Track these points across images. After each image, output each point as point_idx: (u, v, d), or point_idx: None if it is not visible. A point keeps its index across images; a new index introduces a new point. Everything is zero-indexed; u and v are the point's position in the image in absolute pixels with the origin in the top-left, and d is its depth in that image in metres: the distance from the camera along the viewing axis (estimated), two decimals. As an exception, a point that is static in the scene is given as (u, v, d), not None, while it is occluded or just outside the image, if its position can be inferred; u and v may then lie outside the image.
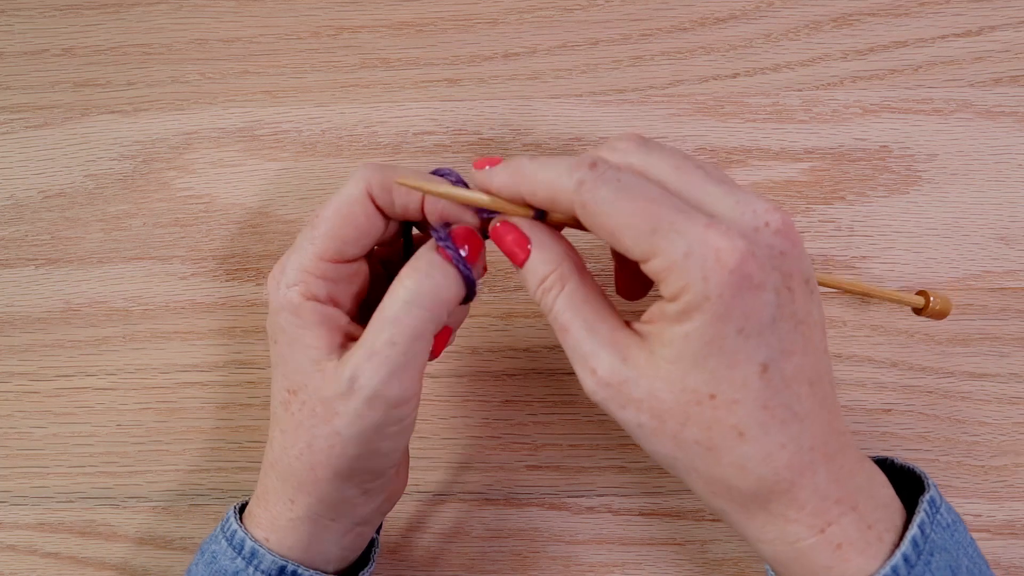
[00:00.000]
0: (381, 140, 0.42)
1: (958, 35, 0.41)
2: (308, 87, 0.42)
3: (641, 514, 0.40)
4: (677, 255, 0.24)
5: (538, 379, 0.41)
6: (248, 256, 0.42)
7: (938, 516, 0.27)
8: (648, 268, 0.25)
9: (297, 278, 0.28)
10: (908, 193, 0.41)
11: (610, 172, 0.25)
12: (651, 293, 0.32)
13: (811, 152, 0.41)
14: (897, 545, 0.26)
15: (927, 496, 0.27)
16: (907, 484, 0.29)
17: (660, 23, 0.42)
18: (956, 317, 0.40)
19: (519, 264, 0.28)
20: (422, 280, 0.27)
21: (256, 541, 0.30)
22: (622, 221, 0.24)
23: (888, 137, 0.41)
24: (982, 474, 0.39)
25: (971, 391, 0.40)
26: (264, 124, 0.42)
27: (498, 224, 0.28)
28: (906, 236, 0.40)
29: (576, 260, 0.28)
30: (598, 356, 0.26)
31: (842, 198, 0.41)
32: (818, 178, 0.41)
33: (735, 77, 0.41)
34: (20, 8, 0.43)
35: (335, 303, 0.29)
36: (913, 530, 0.26)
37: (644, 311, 0.26)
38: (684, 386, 0.25)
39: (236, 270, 0.42)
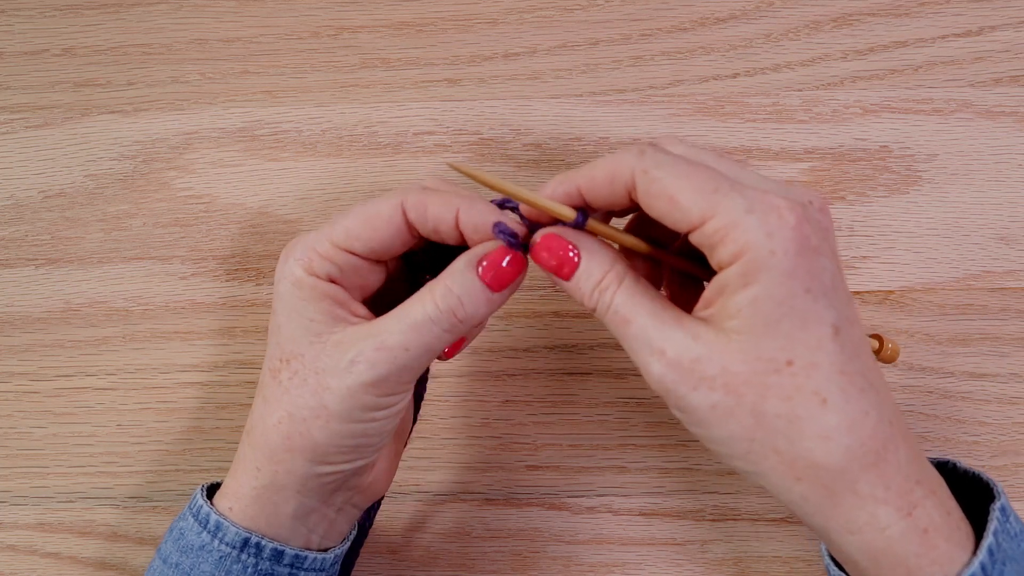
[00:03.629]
0: (381, 140, 0.42)
1: (958, 35, 0.41)
2: (308, 87, 0.42)
3: (641, 514, 0.40)
4: (739, 211, 0.24)
5: (538, 379, 0.41)
6: (248, 256, 0.42)
7: (1008, 524, 0.27)
8: (705, 229, 0.24)
9: (304, 254, 0.29)
10: (908, 193, 0.41)
11: (667, 150, 0.26)
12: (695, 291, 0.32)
13: (811, 152, 0.41)
14: (977, 542, 0.26)
15: (999, 504, 0.27)
16: (966, 491, 0.29)
17: (660, 23, 0.42)
18: (956, 317, 0.40)
19: (567, 276, 0.27)
20: (454, 302, 0.28)
21: (220, 514, 0.30)
22: (683, 182, 0.25)
23: (888, 137, 0.41)
24: (982, 474, 0.39)
25: (971, 391, 0.40)
26: (264, 124, 0.42)
27: (540, 239, 0.28)
28: (906, 236, 0.40)
29: (625, 262, 0.28)
30: (667, 337, 0.25)
31: (842, 198, 0.41)
32: (818, 178, 0.41)
33: (735, 77, 0.41)
34: (20, 8, 0.43)
35: (335, 284, 0.29)
36: (989, 539, 0.26)
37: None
38: (759, 355, 0.24)
39: (236, 270, 0.42)
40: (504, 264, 0.28)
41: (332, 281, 0.29)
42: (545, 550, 0.40)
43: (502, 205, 0.29)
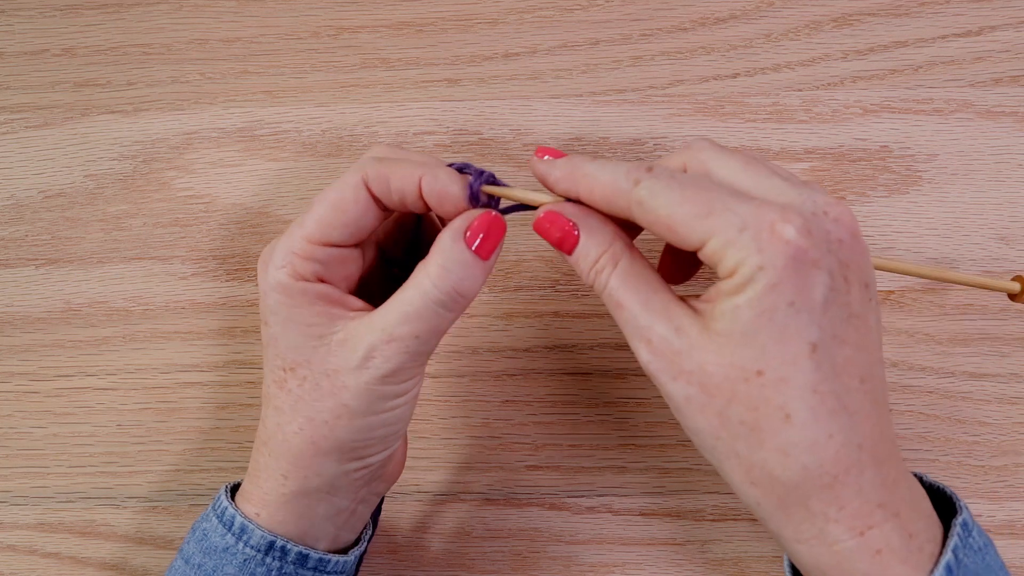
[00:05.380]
0: (381, 140, 0.42)
1: (958, 35, 0.41)
2: (308, 87, 0.42)
3: (641, 514, 0.40)
4: (733, 231, 0.24)
5: (538, 379, 0.41)
6: (248, 256, 0.42)
7: (970, 539, 0.27)
8: (706, 253, 0.25)
9: (285, 260, 0.28)
10: (908, 193, 0.41)
11: (665, 171, 0.26)
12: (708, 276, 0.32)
13: (811, 152, 0.41)
14: (937, 560, 0.26)
15: (960, 519, 0.27)
16: (936, 504, 0.29)
17: (660, 23, 0.42)
18: (956, 317, 0.40)
19: (568, 251, 0.28)
20: (453, 280, 0.28)
21: (246, 517, 0.30)
22: (677, 210, 0.25)
23: (888, 137, 0.41)
24: (982, 474, 0.39)
25: (971, 391, 0.40)
26: (264, 124, 0.42)
27: (542, 215, 0.28)
28: (906, 236, 0.40)
29: (626, 239, 0.28)
30: (652, 327, 0.26)
31: (842, 198, 0.41)
32: (818, 178, 0.41)
33: (735, 77, 0.41)
34: (20, 8, 0.43)
35: (323, 283, 0.29)
36: (947, 555, 0.26)
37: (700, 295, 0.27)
38: (732, 361, 0.24)
39: (236, 270, 0.42)
40: (489, 229, 0.28)
41: (320, 279, 0.29)
42: (545, 550, 0.40)
43: (461, 170, 0.29)
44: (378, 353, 0.28)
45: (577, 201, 0.28)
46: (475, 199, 0.29)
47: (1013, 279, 0.35)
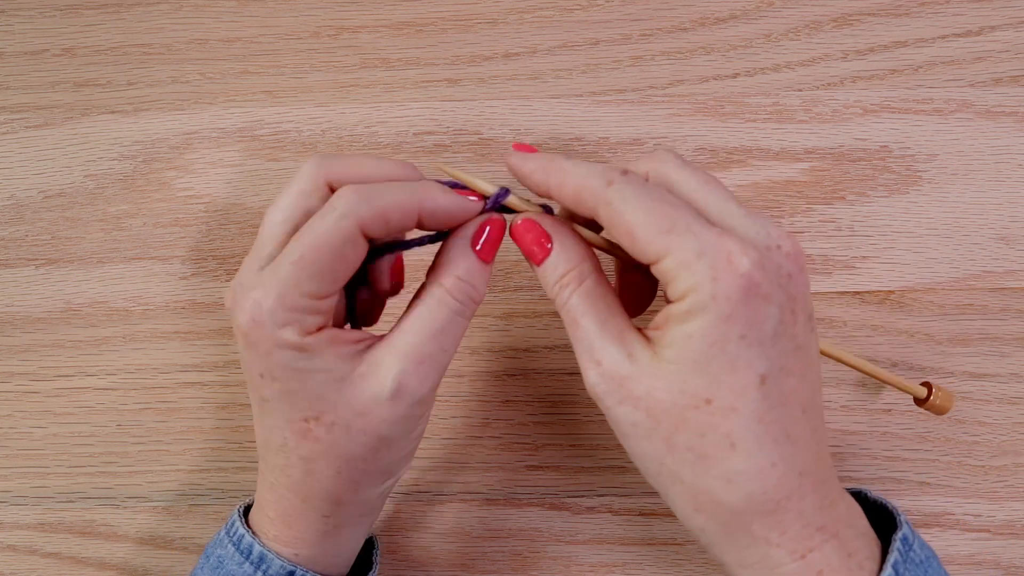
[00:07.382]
0: (381, 140, 0.42)
1: (958, 35, 0.41)
2: (308, 87, 0.42)
3: (641, 514, 0.40)
4: (690, 254, 0.24)
5: (538, 379, 0.41)
6: (248, 256, 0.42)
7: (911, 553, 0.27)
8: (659, 267, 0.25)
9: (288, 317, 0.26)
10: (908, 193, 0.41)
11: (638, 178, 0.26)
12: (659, 299, 0.32)
13: (811, 152, 0.41)
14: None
15: (899, 534, 0.27)
16: (880, 518, 0.30)
17: (660, 23, 0.42)
18: (956, 317, 0.40)
19: (537, 262, 0.28)
20: (468, 290, 0.28)
21: (265, 545, 0.30)
22: (641, 219, 0.25)
23: (888, 137, 0.41)
24: (982, 474, 0.39)
25: (971, 391, 0.40)
26: (264, 124, 0.42)
27: (519, 222, 0.29)
28: (906, 236, 0.40)
29: (594, 262, 0.28)
30: (605, 349, 0.26)
31: (842, 198, 0.41)
32: (818, 178, 0.41)
33: (735, 77, 0.41)
34: (20, 8, 0.43)
35: (327, 328, 0.28)
36: (887, 570, 0.26)
37: (652, 321, 0.27)
38: (683, 388, 0.25)
39: (236, 270, 0.41)
40: (491, 232, 0.29)
41: (320, 328, 0.27)
42: (545, 550, 0.40)
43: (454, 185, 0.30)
44: (410, 378, 0.27)
45: (550, 212, 0.29)
46: (496, 207, 0.30)
47: (922, 384, 0.37)
